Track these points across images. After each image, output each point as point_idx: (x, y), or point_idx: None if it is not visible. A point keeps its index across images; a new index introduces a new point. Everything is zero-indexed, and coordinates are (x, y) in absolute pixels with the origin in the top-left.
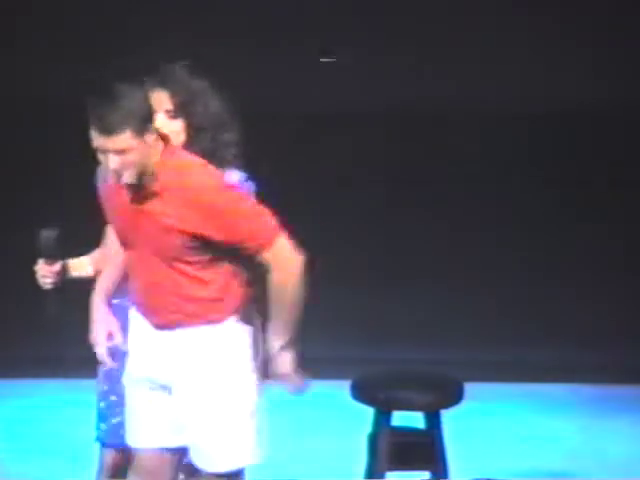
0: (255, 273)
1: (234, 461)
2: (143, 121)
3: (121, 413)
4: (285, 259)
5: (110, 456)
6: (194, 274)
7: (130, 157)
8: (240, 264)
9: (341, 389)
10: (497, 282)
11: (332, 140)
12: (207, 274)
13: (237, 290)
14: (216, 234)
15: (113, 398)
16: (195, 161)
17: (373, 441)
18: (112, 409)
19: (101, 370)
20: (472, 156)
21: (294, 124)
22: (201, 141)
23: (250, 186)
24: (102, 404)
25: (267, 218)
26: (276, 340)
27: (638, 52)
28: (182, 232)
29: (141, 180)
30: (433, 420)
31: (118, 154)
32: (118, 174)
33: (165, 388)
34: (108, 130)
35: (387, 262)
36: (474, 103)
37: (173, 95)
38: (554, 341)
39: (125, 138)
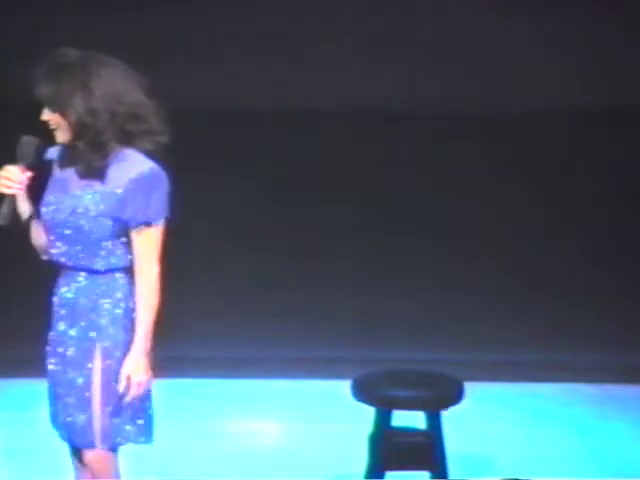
0: None
1: None
2: None
3: None
4: None
5: None
6: None
7: None
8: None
9: (341, 389)
10: (497, 282)
11: (329, 138)
12: None
13: None
14: None
15: None
16: None
17: (373, 441)
18: None
19: None
20: (473, 156)
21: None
22: (83, 136)
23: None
24: None
25: None
26: None
27: (638, 52)
28: None
29: None
30: (433, 420)
31: None
32: None
33: None
34: None
35: (387, 262)
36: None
37: (44, 95)
38: (553, 341)
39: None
